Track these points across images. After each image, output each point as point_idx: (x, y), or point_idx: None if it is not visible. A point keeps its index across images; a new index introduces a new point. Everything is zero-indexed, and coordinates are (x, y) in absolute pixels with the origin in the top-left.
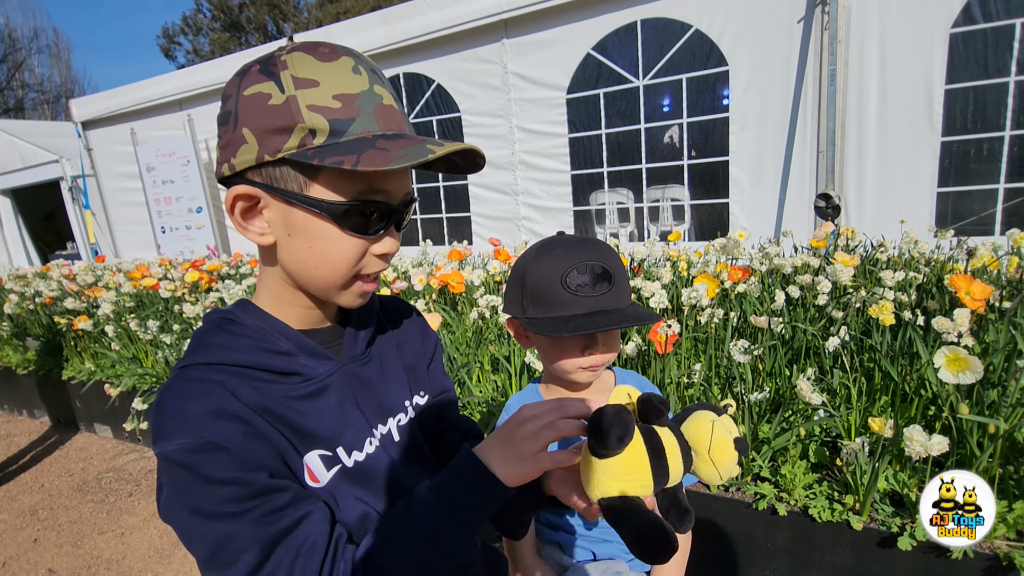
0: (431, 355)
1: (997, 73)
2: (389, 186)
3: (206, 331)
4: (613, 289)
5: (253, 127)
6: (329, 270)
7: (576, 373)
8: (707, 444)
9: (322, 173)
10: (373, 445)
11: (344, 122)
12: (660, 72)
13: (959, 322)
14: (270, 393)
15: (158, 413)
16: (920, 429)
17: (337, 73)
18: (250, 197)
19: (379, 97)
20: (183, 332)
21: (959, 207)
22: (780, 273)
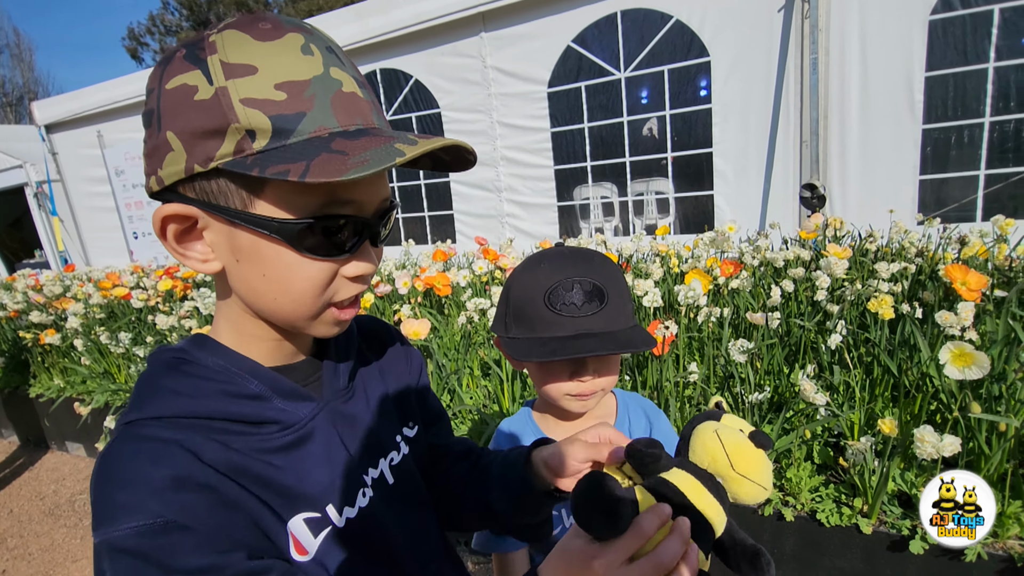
0: (417, 378)
1: (976, 60)
2: (357, 194)
3: (153, 374)
4: (605, 309)
5: (179, 130)
6: (291, 301)
7: (563, 400)
8: (725, 460)
9: (269, 185)
10: (367, 496)
11: (291, 118)
12: (641, 64)
13: (963, 316)
14: (240, 448)
15: (100, 486)
16: (931, 430)
17: (281, 55)
18: (184, 217)
19: (337, 83)
20: (157, 344)
21: (941, 194)
22: (772, 267)
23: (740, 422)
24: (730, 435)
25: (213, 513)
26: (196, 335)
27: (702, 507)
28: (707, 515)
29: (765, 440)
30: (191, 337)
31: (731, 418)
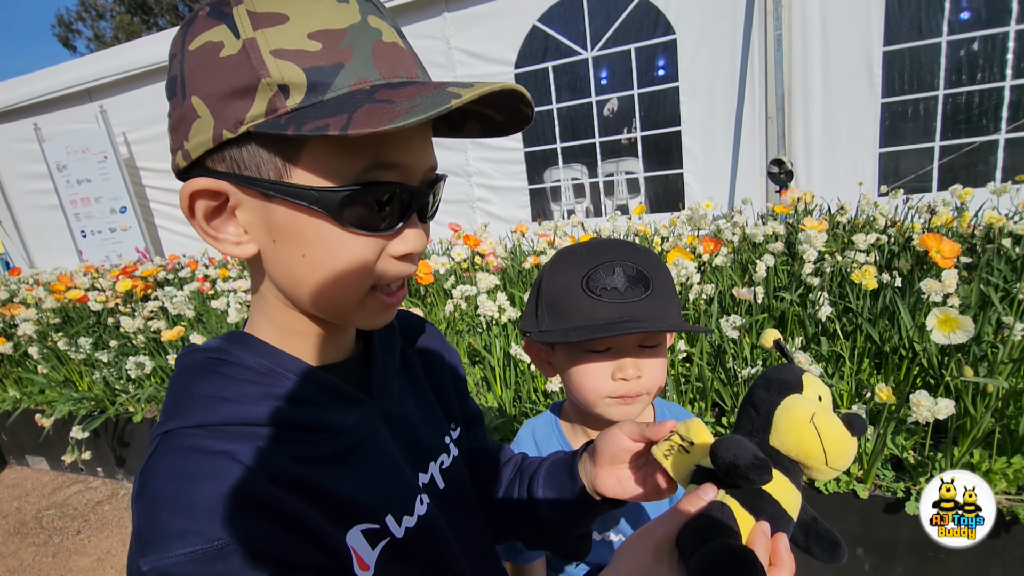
0: (456, 377)
1: (930, 34)
2: (403, 158)
3: (190, 378)
4: (651, 296)
5: (205, 93)
6: (334, 284)
7: (602, 405)
8: (821, 454)
9: (306, 148)
10: (424, 503)
11: (328, 70)
12: (608, 43)
13: (947, 283)
14: (292, 457)
15: (146, 507)
16: (927, 395)
17: (313, 3)
18: (214, 194)
19: (376, 32)
20: (121, 348)
21: (900, 166)
22: (751, 242)
23: (819, 386)
24: (827, 423)
25: (274, 532)
26: (233, 332)
27: (792, 510)
28: (793, 516)
29: (862, 425)
30: (228, 334)
31: (812, 383)
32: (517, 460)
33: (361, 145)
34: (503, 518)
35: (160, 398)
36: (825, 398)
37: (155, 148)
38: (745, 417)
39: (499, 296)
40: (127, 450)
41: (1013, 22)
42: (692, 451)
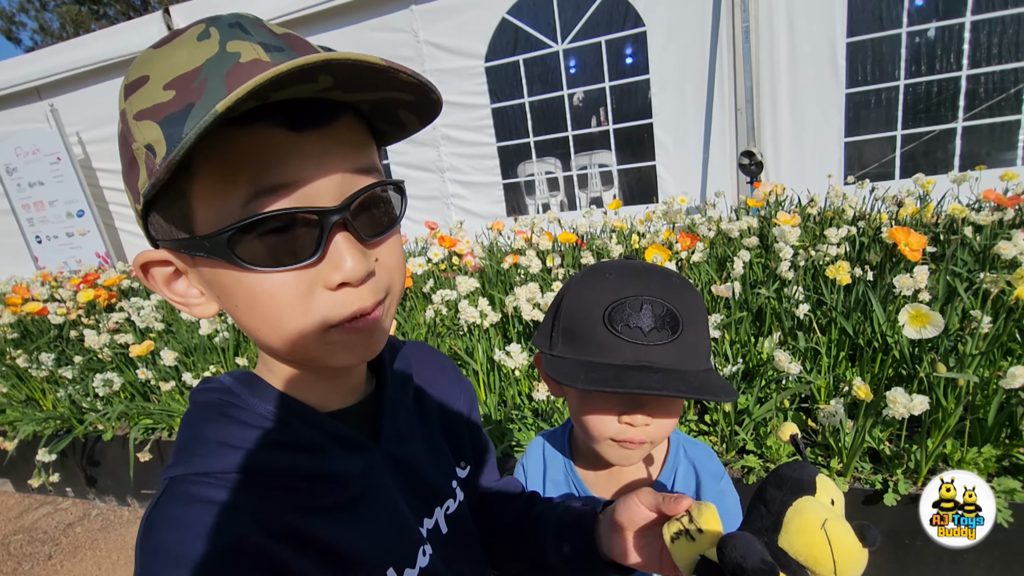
0: (469, 413)
1: (891, 25)
2: (293, 175)
3: (200, 420)
4: (677, 341)
5: (125, 177)
6: (273, 330)
7: (603, 444)
8: (831, 565)
9: (193, 197)
10: (427, 555)
11: (179, 115)
12: (579, 35)
13: (918, 279)
14: (294, 506)
15: (146, 557)
16: (902, 392)
17: (174, 52)
18: (162, 262)
19: (234, 56)
20: (87, 363)
21: (864, 155)
22: (726, 237)
23: (830, 487)
24: (839, 531)
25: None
26: (245, 373)
27: None
28: None
29: (874, 537)
30: (240, 375)
31: (825, 486)
32: (525, 500)
33: (236, 172)
34: (511, 565)
35: (131, 414)
36: (838, 502)
37: (112, 148)
38: (755, 514)
39: (481, 302)
40: (97, 469)
41: (968, 13)
42: (699, 539)
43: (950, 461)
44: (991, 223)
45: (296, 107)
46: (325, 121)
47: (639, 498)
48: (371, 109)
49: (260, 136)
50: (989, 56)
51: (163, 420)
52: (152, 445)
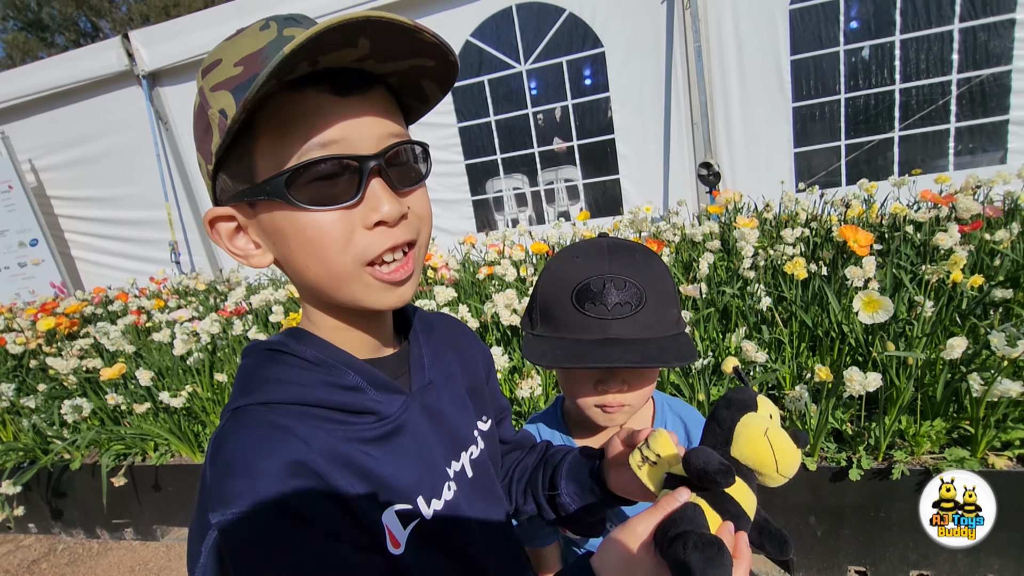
0: (488, 372)
1: (830, 43)
2: (336, 132)
3: (256, 365)
4: (640, 314)
5: (199, 146)
6: (319, 265)
7: (590, 411)
8: (773, 464)
9: (256, 155)
10: (451, 489)
11: (246, 84)
12: (540, 56)
13: (867, 269)
14: (341, 437)
15: (216, 470)
16: (858, 370)
17: (241, 40)
18: (227, 218)
19: (289, 39)
20: (51, 391)
21: (812, 163)
22: (690, 241)
23: (768, 404)
24: (778, 438)
25: (322, 503)
26: (292, 328)
27: (749, 511)
28: (749, 515)
29: (805, 439)
30: (288, 330)
31: (763, 402)
32: (542, 448)
33: (292, 129)
34: (528, 499)
35: (102, 441)
36: (775, 416)
37: (67, 175)
38: (710, 432)
39: (460, 309)
40: (64, 501)
41: (897, 32)
42: (659, 462)
43: (906, 436)
44: (929, 219)
45: (339, 76)
46: (363, 88)
47: (619, 436)
48: (399, 83)
49: (311, 100)
50: (918, 71)
51: (136, 444)
52: (126, 470)
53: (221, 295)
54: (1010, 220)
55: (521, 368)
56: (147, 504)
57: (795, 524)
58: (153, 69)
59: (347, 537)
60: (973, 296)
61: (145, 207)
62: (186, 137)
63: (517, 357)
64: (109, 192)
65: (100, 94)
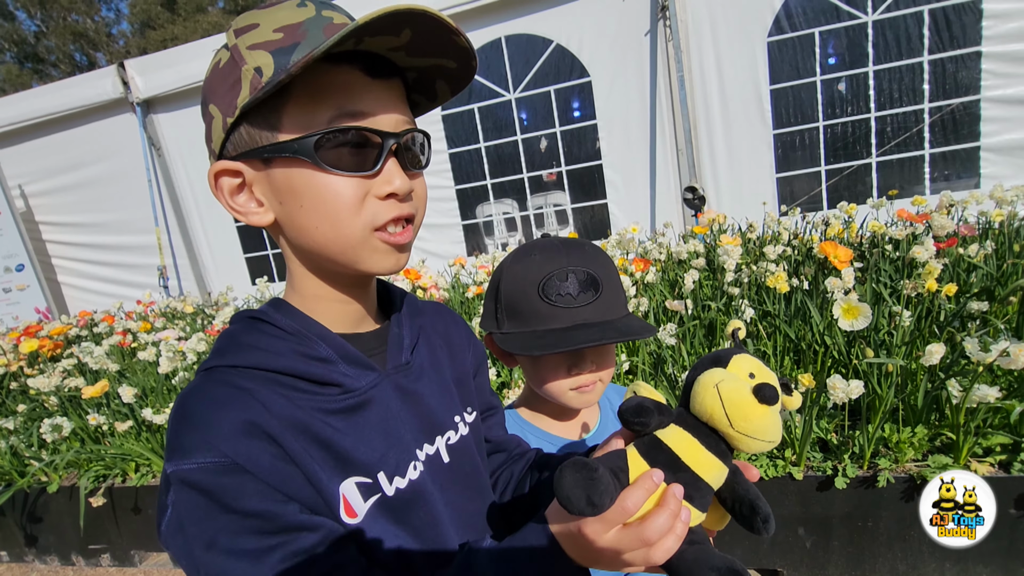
0: (478, 366)
1: (807, 74)
2: (368, 107)
3: (236, 331)
4: (600, 299)
5: (215, 99)
6: (331, 226)
7: (565, 396)
8: (724, 417)
9: (284, 114)
10: (417, 470)
11: (287, 48)
12: (529, 85)
13: (846, 280)
14: (304, 406)
15: (176, 422)
16: (840, 378)
17: (280, 11)
18: (234, 172)
19: (328, 19)
20: (31, 411)
21: (794, 188)
22: (676, 260)
23: (752, 363)
24: (731, 389)
25: (275, 463)
26: (275, 299)
27: (697, 467)
28: (702, 475)
29: (770, 394)
30: (271, 300)
31: (743, 360)
32: (531, 455)
33: (324, 99)
34: (517, 507)
35: (81, 461)
36: (759, 375)
37: (57, 200)
38: (682, 394)
39: None
40: (39, 526)
41: (871, 64)
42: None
43: (889, 443)
44: (906, 236)
45: (371, 59)
46: (390, 75)
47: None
48: (415, 79)
49: (346, 75)
50: (892, 100)
51: (117, 465)
52: (105, 491)
53: (208, 317)
54: (984, 238)
55: (510, 382)
56: (125, 528)
57: (785, 536)
58: (147, 96)
59: (295, 497)
60: (950, 308)
61: (134, 232)
62: (179, 163)
63: (505, 373)
64: (98, 217)
65: (93, 121)
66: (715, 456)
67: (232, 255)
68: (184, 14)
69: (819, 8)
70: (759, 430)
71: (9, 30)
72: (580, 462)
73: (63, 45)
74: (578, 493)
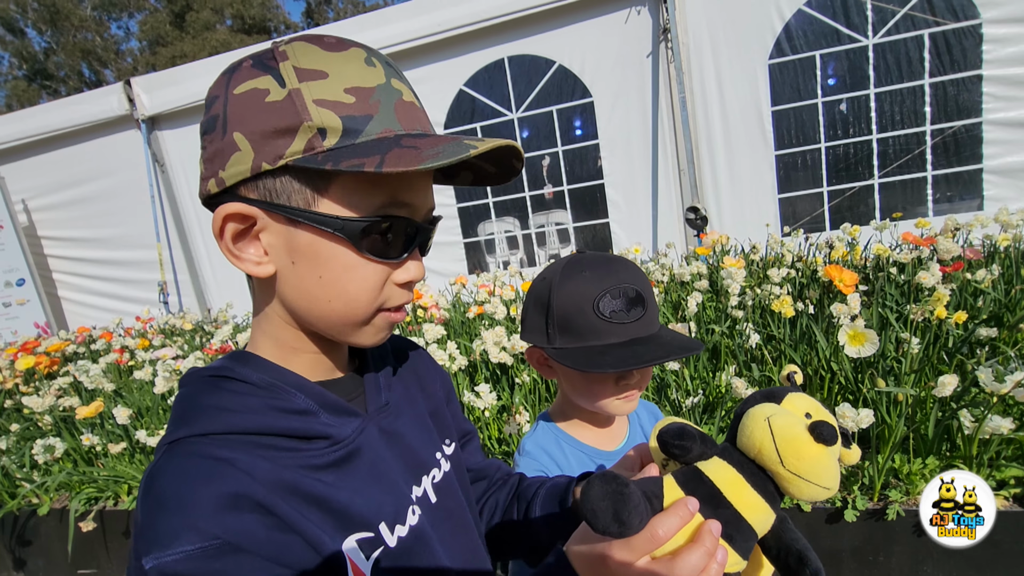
0: (448, 394)
1: (808, 96)
2: (413, 198)
3: (194, 393)
4: (647, 314)
5: (248, 130)
6: (344, 304)
7: (611, 405)
8: (774, 454)
9: (334, 183)
10: (416, 514)
11: (360, 119)
12: (531, 105)
13: (852, 305)
14: (290, 465)
15: (149, 508)
16: (850, 407)
17: (348, 64)
18: (244, 217)
19: (398, 92)
20: (24, 431)
21: (796, 209)
22: (679, 282)
23: (808, 403)
24: (785, 424)
25: (271, 534)
26: (236, 351)
27: (740, 506)
28: (745, 515)
29: (828, 432)
30: (231, 354)
31: (799, 398)
32: (514, 482)
33: (382, 184)
34: (503, 539)
35: (73, 483)
36: (816, 415)
37: (61, 215)
38: (729, 429)
39: (449, 345)
40: (28, 549)
41: (872, 86)
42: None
43: (900, 475)
44: (911, 260)
45: None
46: (451, 173)
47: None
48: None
49: None
50: (893, 122)
51: (109, 487)
52: (95, 515)
53: (207, 335)
54: (990, 262)
55: (510, 407)
56: (115, 552)
57: None
58: (153, 113)
59: (297, 569)
60: (959, 335)
61: (135, 247)
62: (182, 179)
63: (506, 396)
64: (101, 232)
65: (98, 137)
66: (761, 497)
67: (233, 271)
68: (192, 31)
69: (820, 31)
70: (813, 471)
71: (19, 46)
72: (610, 474)
73: (72, 62)
74: (605, 506)
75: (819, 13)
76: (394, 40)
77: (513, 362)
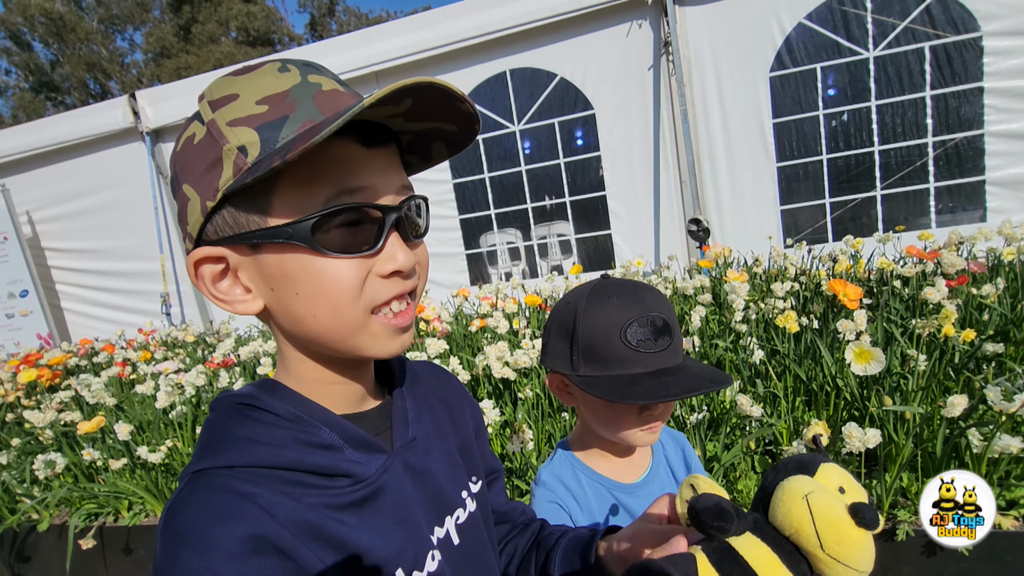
0: (477, 428)
1: (810, 108)
2: (367, 181)
3: (224, 420)
4: (673, 343)
5: (190, 178)
6: (330, 313)
7: (634, 437)
8: (814, 536)
9: (275, 195)
10: (435, 559)
11: (276, 123)
12: (533, 117)
13: (858, 322)
14: (312, 504)
15: (169, 544)
16: (856, 426)
17: (261, 79)
18: (216, 259)
19: (316, 85)
20: (25, 446)
21: (799, 220)
22: (682, 295)
23: (842, 476)
24: (824, 504)
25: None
26: (265, 379)
27: None
28: None
29: (871, 518)
30: (259, 382)
31: (831, 470)
32: (535, 529)
33: (321, 177)
34: None
35: (73, 499)
36: (850, 491)
37: (64, 227)
38: (756, 498)
39: (451, 360)
40: (28, 566)
41: (873, 98)
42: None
43: (908, 494)
44: (915, 274)
45: (365, 128)
46: (386, 141)
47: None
48: (410, 141)
49: (341, 148)
50: (895, 134)
51: (109, 503)
52: (95, 532)
53: (210, 347)
54: (995, 276)
55: (512, 422)
56: (115, 569)
57: None
58: (157, 126)
59: None
60: (965, 351)
61: (138, 259)
62: None
63: (509, 411)
64: (104, 244)
65: (103, 149)
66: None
67: None
68: (197, 43)
69: (820, 44)
70: (853, 557)
71: (26, 59)
72: (645, 567)
73: (78, 74)
74: None
75: (820, 26)
76: (397, 53)
77: (516, 377)
